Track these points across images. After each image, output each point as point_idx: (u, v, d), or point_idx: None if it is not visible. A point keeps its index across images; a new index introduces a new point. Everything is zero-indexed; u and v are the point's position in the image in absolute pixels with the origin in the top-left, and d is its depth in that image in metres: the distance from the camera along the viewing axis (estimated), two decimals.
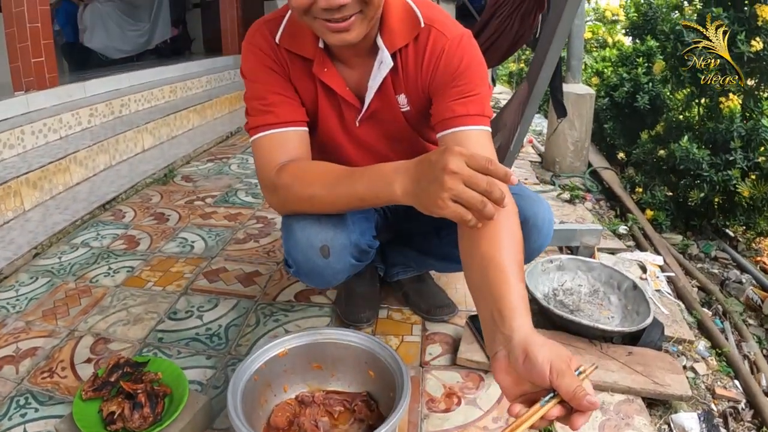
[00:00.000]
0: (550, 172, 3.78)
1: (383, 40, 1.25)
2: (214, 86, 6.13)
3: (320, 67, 1.29)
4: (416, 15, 1.28)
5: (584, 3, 3.90)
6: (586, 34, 5.70)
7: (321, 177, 1.20)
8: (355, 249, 1.35)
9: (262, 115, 1.29)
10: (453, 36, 1.27)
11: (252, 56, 1.32)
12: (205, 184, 3.32)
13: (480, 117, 1.26)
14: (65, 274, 2.20)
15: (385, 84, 1.31)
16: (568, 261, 2.00)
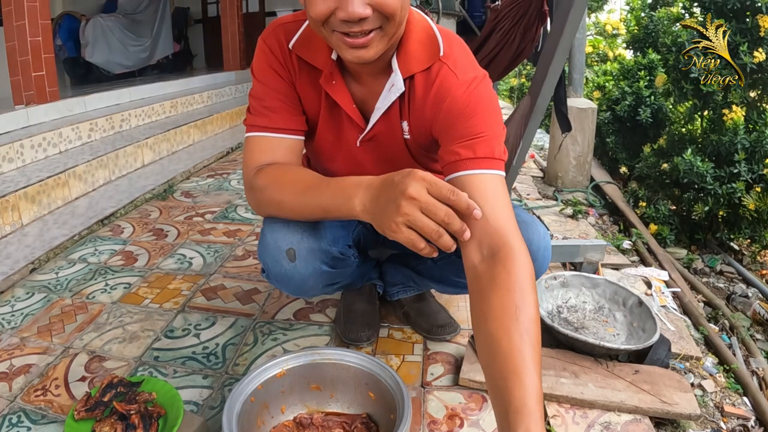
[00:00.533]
0: (553, 187, 3.76)
1: (398, 62, 1.20)
2: (215, 102, 6.14)
3: (328, 80, 1.24)
4: (438, 44, 1.22)
5: (585, 16, 3.90)
6: (587, 48, 5.73)
7: (292, 183, 1.19)
8: (326, 255, 1.32)
9: (259, 115, 1.29)
10: (464, 78, 1.20)
11: (262, 55, 1.30)
12: (205, 199, 3.30)
13: (489, 160, 1.14)
14: (62, 289, 2.17)
15: (392, 108, 1.27)
16: (572, 277, 1.98)
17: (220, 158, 4.41)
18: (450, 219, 0.91)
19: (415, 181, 0.92)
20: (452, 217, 0.91)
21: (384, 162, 1.39)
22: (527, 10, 2.23)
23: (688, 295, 2.36)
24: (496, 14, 2.34)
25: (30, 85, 4.01)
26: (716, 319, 2.38)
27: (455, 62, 1.21)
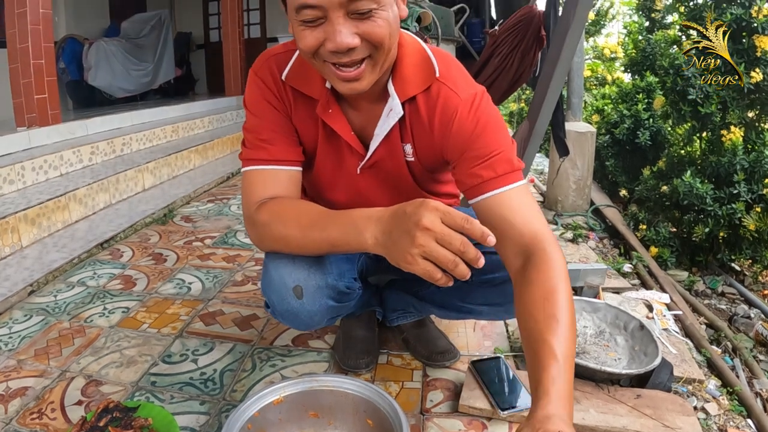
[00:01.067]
0: (553, 211, 3.76)
1: (395, 86, 1.21)
2: (216, 127, 6.18)
3: (324, 108, 1.24)
4: (432, 65, 1.23)
5: (583, 40, 3.93)
6: (586, 72, 5.77)
7: (296, 218, 1.18)
8: (332, 290, 1.31)
9: (255, 149, 1.28)
10: (466, 96, 1.21)
11: (255, 88, 1.30)
12: (205, 224, 3.30)
13: (510, 174, 1.18)
14: (60, 312, 2.16)
15: (392, 132, 1.27)
16: None
17: (221, 183, 4.41)
18: (465, 248, 0.90)
19: (428, 212, 0.92)
20: (467, 245, 0.91)
21: (386, 189, 1.40)
22: (525, 35, 2.26)
23: (689, 318, 2.36)
24: (494, 40, 2.37)
25: (32, 108, 4.04)
26: (719, 341, 2.38)
27: (454, 82, 1.23)
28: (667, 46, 3.69)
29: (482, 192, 1.18)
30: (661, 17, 3.91)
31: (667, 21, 3.94)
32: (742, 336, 2.47)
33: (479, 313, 1.56)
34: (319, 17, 1.01)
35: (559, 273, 1.06)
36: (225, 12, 7.77)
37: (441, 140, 1.25)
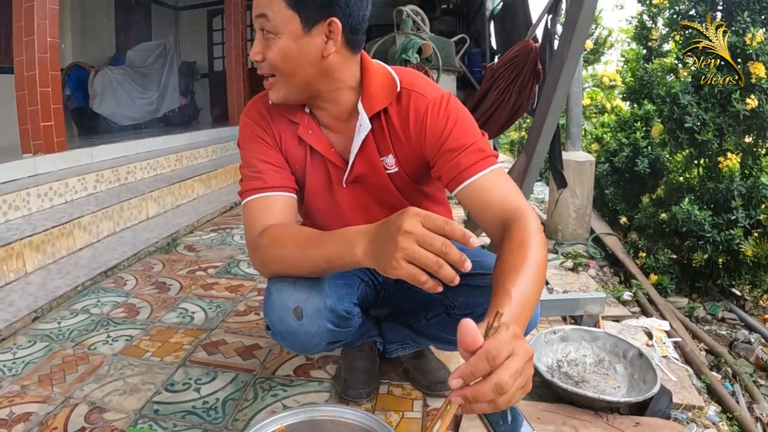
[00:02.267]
0: (553, 240, 3.78)
1: (363, 105, 1.34)
2: (219, 156, 6.23)
3: (305, 129, 1.39)
4: (393, 79, 1.38)
5: (581, 70, 3.98)
6: (585, 100, 5.81)
7: (293, 239, 1.24)
8: (332, 313, 1.35)
9: (251, 180, 1.38)
10: (433, 97, 1.35)
11: (246, 128, 1.44)
12: (208, 254, 3.32)
13: (485, 160, 1.30)
14: (63, 339, 2.17)
15: (368, 146, 1.39)
16: (571, 331, 1.99)
17: (224, 213, 4.44)
18: (447, 248, 0.93)
19: (409, 216, 0.96)
20: (449, 246, 0.94)
21: (373, 200, 1.50)
22: (522, 69, 2.31)
23: (689, 344, 2.36)
24: (492, 73, 2.42)
25: (38, 135, 4.09)
26: (719, 367, 2.38)
27: (421, 87, 1.38)
28: (663, 75, 3.72)
29: (463, 180, 1.29)
30: (658, 45, 3.95)
31: (663, 49, 3.98)
32: (743, 361, 2.47)
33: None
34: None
35: (531, 230, 1.14)
36: (229, 42, 7.87)
37: (418, 141, 1.37)
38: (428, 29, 4.92)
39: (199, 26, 10.67)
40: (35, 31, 4.02)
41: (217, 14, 9.98)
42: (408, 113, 1.36)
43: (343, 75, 1.32)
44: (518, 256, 1.08)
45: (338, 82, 1.32)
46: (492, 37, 6.39)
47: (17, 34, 4.07)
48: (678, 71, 3.66)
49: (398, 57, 4.19)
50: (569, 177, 3.59)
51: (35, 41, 4.01)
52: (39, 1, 4.03)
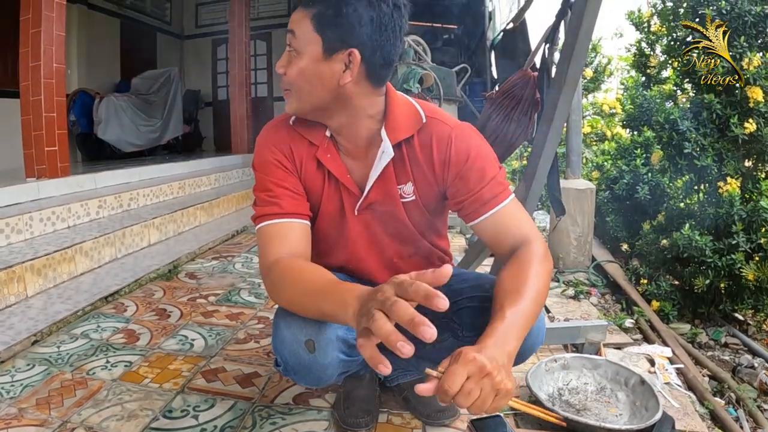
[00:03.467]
0: (555, 268, 3.78)
1: (387, 132, 1.38)
2: (222, 184, 6.25)
3: (324, 153, 1.42)
4: (418, 111, 1.43)
5: (580, 98, 4.00)
6: (585, 128, 5.83)
7: (300, 284, 1.24)
8: (343, 344, 1.35)
9: (268, 205, 1.39)
10: (455, 125, 1.42)
11: (266, 151, 1.44)
12: (209, 281, 3.32)
13: (504, 192, 1.39)
14: (62, 363, 2.17)
15: (387, 174, 1.42)
16: (572, 359, 1.98)
17: (226, 241, 4.44)
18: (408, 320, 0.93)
19: (386, 285, 0.96)
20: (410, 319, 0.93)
21: (383, 235, 1.52)
22: (520, 99, 2.33)
23: (692, 371, 2.35)
24: (491, 102, 2.43)
25: (42, 159, 4.13)
26: (722, 393, 2.37)
27: (442, 116, 1.45)
28: (662, 101, 3.74)
29: (484, 212, 1.38)
30: (657, 72, 3.98)
31: (662, 76, 4.01)
32: (746, 386, 2.45)
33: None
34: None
35: (535, 253, 1.26)
36: (233, 71, 7.94)
37: (441, 169, 1.41)
38: (430, 59, 4.98)
39: (203, 55, 10.80)
40: (41, 57, 4.08)
41: (222, 43, 10.09)
42: (431, 141, 1.41)
43: (362, 103, 1.35)
44: (519, 277, 1.17)
45: (356, 110, 1.36)
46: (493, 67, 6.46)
47: (24, 59, 4.13)
48: (677, 98, 3.68)
49: (400, 87, 4.23)
50: (570, 205, 3.60)
51: (41, 67, 4.07)
52: (46, 27, 4.10)
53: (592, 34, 1.90)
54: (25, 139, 4.18)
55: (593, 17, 1.81)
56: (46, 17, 4.10)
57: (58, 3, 4.19)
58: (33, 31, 4.10)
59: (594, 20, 1.82)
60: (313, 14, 1.25)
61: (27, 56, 4.13)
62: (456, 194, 1.42)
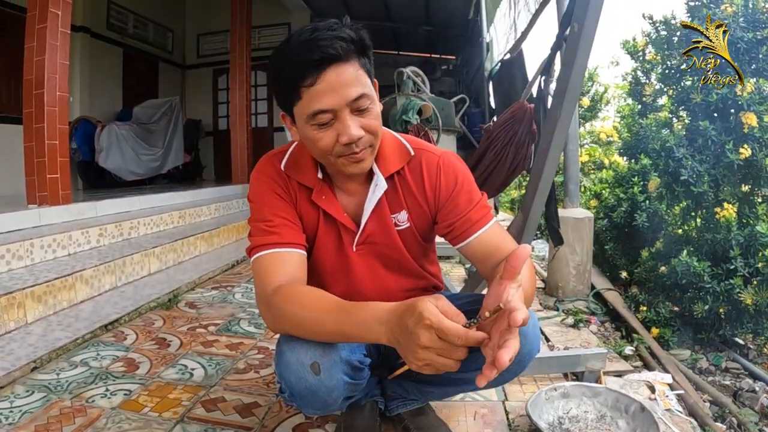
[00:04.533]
0: (554, 297, 3.78)
1: (378, 166, 1.45)
2: (222, 214, 6.26)
3: (319, 195, 1.45)
4: (405, 146, 1.51)
5: (577, 128, 4.03)
6: (584, 157, 5.86)
7: (311, 307, 1.24)
8: (347, 366, 1.35)
9: (266, 235, 1.40)
10: (442, 153, 1.51)
11: (262, 183, 1.47)
12: (209, 311, 3.32)
13: (488, 215, 1.47)
14: (62, 391, 2.17)
15: (380, 205, 1.47)
16: (572, 388, 1.99)
17: (225, 271, 4.44)
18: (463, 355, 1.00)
19: (425, 330, 0.99)
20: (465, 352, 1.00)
21: (381, 262, 1.56)
22: (517, 130, 2.36)
23: (693, 396, 2.35)
24: (488, 134, 2.47)
25: (44, 186, 4.17)
26: (723, 417, 2.36)
27: (428, 147, 1.53)
28: (658, 129, 3.76)
29: (470, 234, 1.45)
30: (652, 100, 4.01)
31: (658, 104, 4.03)
32: (748, 410, 2.45)
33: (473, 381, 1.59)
34: (331, 119, 1.26)
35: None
36: (234, 101, 7.99)
37: (433, 196, 1.49)
38: (428, 90, 5.04)
39: (205, 85, 10.91)
40: (45, 85, 4.15)
41: (223, 73, 10.20)
42: (421, 170, 1.48)
43: None
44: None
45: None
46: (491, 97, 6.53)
47: (27, 87, 4.20)
48: (672, 125, 3.71)
49: (399, 118, 4.28)
50: (568, 234, 3.62)
51: (45, 94, 4.14)
52: (50, 56, 4.18)
53: (587, 66, 1.94)
54: (27, 166, 4.22)
55: (587, 50, 1.84)
56: (50, 46, 4.18)
57: (62, 32, 4.27)
58: (37, 59, 4.17)
59: (588, 53, 1.85)
60: (360, 63, 1.27)
61: (31, 83, 4.19)
62: (446, 217, 1.49)
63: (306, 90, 1.23)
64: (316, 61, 1.21)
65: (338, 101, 1.23)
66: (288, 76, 1.25)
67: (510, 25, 6.54)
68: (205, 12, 10.69)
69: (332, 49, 1.21)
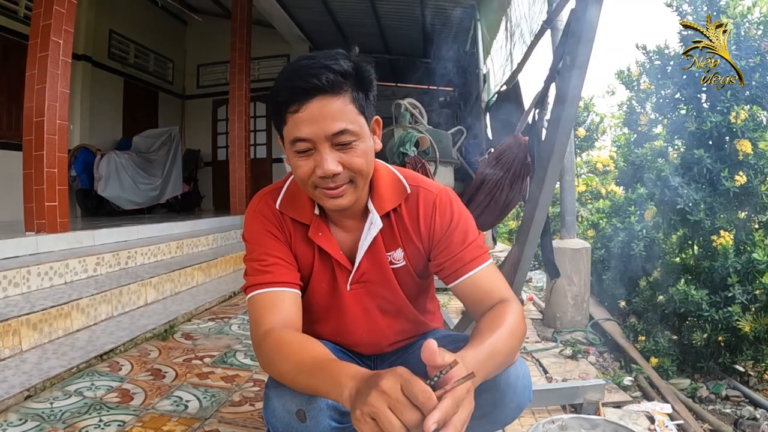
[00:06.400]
0: (552, 328, 3.77)
1: (374, 204, 1.42)
2: (220, 245, 6.25)
3: (315, 231, 1.43)
4: (402, 183, 1.47)
5: (573, 159, 4.04)
6: (581, 186, 5.87)
7: (292, 359, 1.22)
8: (334, 411, 1.31)
9: (260, 275, 1.38)
10: (439, 191, 1.47)
11: (256, 222, 1.45)
12: (205, 343, 3.31)
13: (483, 256, 1.42)
14: (55, 420, 2.15)
15: (375, 243, 1.44)
16: (570, 420, 1.97)
17: (222, 302, 4.42)
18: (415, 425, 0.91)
19: (391, 376, 0.95)
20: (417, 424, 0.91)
21: (374, 309, 1.53)
22: (512, 163, 2.38)
23: (693, 426, 2.34)
24: (484, 167, 2.49)
25: (42, 214, 4.19)
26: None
27: (425, 183, 1.50)
28: (654, 158, 3.78)
29: (463, 274, 1.41)
30: (648, 129, 4.02)
31: (653, 133, 4.05)
32: None
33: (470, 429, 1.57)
34: (309, 148, 1.25)
35: (511, 308, 1.29)
36: (232, 132, 8.02)
37: (427, 233, 1.46)
38: (426, 122, 5.07)
39: (204, 115, 11.01)
40: (45, 113, 4.19)
41: (222, 104, 10.29)
42: (418, 208, 1.45)
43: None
44: (495, 322, 1.22)
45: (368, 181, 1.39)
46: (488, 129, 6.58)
47: (28, 114, 4.24)
48: (668, 154, 3.73)
49: (396, 150, 4.30)
50: (566, 265, 3.62)
51: (45, 123, 4.18)
52: (51, 84, 4.22)
53: (580, 98, 1.96)
54: (25, 193, 4.24)
55: (580, 83, 1.87)
56: (51, 74, 4.23)
57: (63, 60, 4.32)
58: (38, 87, 4.21)
59: (581, 86, 1.88)
60: (352, 97, 1.25)
61: (31, 111, 4.23)
62: (438, 256, 1.46)
63: (291, 116, 1.24)
64: (302, 90, 1.21)
65: (317, 132, 1.23)
66: (279, 99, 1.26)
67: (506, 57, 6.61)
68: (206, 43, 10.83)
69: (319, 80, 1.20)
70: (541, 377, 2.83)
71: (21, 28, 6.71)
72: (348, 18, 9.72)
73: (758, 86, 3.10)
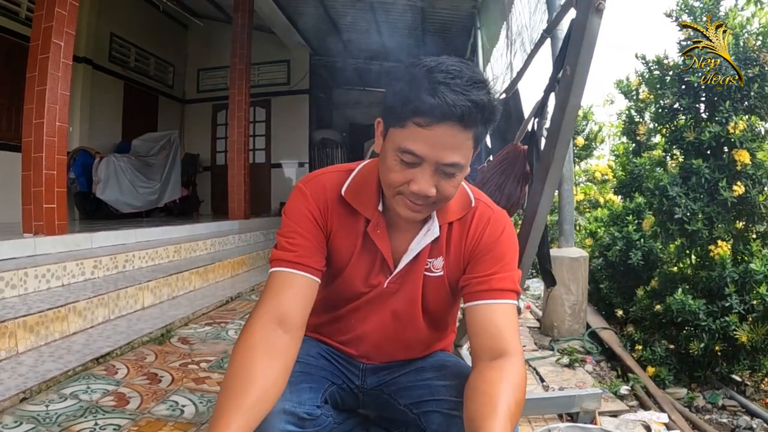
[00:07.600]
0: (549, 336, 3.77)
1: (437, 213, 1.40)
2: (218, 249, 6.23)
3: (374, 228, 1.40)
4: (469, 196, 1.44)
5: (571, 168, 4.05)
6: (579, 195, 5.87)
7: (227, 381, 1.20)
8: (291, 416, 1.32)
9: (284, 251, 1.36)
10: (498, 211, 1.45)
11: (302, 200, 1.41)
12: (202, 347, 3.30)
13: (511, 292, 1.35)
14: (50, 423, 2.15)
15: (422, 249, 1.42)
16: (566, 429, 1.97)
17: (220, 307, 4.41)
18: None
19: None
20: None
21: (388, 312, 1.49)
22: (511, 172, 2.38)
23: None
24: (482, 175, 2.49)
25: (40, 216, 4.18)
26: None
27: (486, 200, 1.47)
28: (652, 168, 3.78)
29: (483, 298, 1.34)
30: (646, 139, 4.02)
31: (652, 142, 4.05)
32: None
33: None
34: (415, 162, 1.21)
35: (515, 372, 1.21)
36: (232, 137, 8.03)
37: (472, 245, 1.42)
38: None
39: (203, 119, 11.03)
40: (45, 115, 4.19)
41: (222, 109, 10.30)
42: (472, 220, 1.42)
43: None
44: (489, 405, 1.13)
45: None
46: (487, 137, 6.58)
47: (27, 116, 4.24)
48: (666, 164, 3.73)
49: None
50: (563, 273, 3.63)
51: (44, 125, 4.18)
52: (51, 86, 4.23)
53: (579, 108, 1.96)
54: (24, 195, 4.24)
55: (579, 93, 1.87)
56: (51, 76, 4.23)
57: (63, 63, 4.32)
58: (38, 88, 4.21)
59: (580, 96, 1.88)
60: (475, 133, 1.21)
61: (31, 113, 4.23)
62: (470, 270, 1.41)
63: (413, 126, 1.18)
64: (439, 111, 1.15)
65: (431, 156, 1.19)
66: (407, 97, 1.19)
67: (506, 65, 6.63)
68: (206, 48, 10.85)
69: (460, 110, 1.15)
70: (537, 386, 2.83)
71: (22, 30, 6.72)
72: (348, 25, 9.74)
73: (757, 96, 3.11)
